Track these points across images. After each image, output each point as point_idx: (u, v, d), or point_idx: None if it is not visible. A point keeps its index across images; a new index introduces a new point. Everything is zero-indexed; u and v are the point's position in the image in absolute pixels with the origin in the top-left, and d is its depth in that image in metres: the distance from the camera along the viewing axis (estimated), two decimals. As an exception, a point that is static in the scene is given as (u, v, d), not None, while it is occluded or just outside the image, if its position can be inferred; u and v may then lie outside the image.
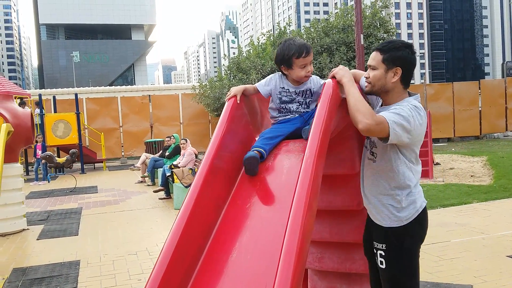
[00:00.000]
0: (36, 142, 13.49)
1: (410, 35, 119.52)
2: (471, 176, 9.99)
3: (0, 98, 7.12)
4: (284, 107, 2.49)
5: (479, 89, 20.11)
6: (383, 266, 2.32)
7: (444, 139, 19.49)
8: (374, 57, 2.31)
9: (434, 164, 11.08)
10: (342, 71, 2.33)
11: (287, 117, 2.48)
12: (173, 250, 1.73)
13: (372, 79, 2.30)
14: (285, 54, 2.43)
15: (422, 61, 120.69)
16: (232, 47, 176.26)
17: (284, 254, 1.57)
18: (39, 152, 13.43)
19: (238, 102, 2.42)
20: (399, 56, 2.25)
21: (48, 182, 13.14)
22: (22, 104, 14.10)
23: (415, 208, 2.30)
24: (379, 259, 2.34)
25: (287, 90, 2.47)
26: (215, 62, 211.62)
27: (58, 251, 5.82)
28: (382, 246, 2.33)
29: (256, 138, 2.56)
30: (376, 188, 2.34)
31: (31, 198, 10.28)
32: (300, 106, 2.49)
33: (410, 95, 2.34)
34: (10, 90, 7.56)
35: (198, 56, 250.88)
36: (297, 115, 2.48)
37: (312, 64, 2.50)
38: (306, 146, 1.99)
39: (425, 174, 9.84)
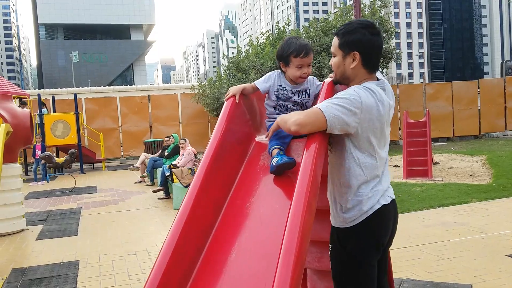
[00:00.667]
0: (35, 142, 13.49)
1: (409, 35, 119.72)
2: (470, 175, 9.99)
3: (-1, 98, 7.11)
4: (281, 104, 2.50)
5: (478, 88, 20.12)
6: (331, 267, 2.20)
7: (443, 139, 19.49)
8: (333, 43, 2.17)
9: (434, 164, 11.08)
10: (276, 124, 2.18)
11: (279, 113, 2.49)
12: (172, 250, 1.73)
13: (333, 67, 2.18)
14: (284, 51, 2.45)
15: (421, 60, 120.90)
16: (231, 47, 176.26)
17: (283, 253, 1.57)
18: (38, 152, 13.34)
19: (237, 101, 2.42)
20: (353, 39, 2.07)
21: (47, 182, 13.13)
22: (23, 104, 14.15)
23: (361, 210, 2.06)
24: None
25: (284, 88, 2.49)
26: (214, 62, 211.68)
27: (57, 251, 5.81)
28: (330, 247, 2.18)
29: (256, 138, 2.56)
30: (331, 183, 2.19)
31: (30, 198, 10.27)
32: (296, 105, 2.49)
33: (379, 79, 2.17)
34: (9, 90, 7.56)
35: (197, 56, 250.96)
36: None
37: (311, 66, 2.49)
38: (304, 145, 1.99)
39: (425, 173, 9.87)
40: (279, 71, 2.55)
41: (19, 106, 16.05)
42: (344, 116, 1.95)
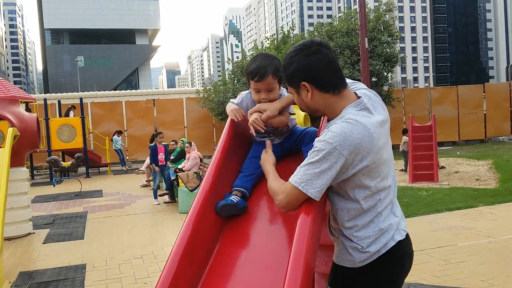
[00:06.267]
0: (155, 142, 9.84)
1: (414, 39, 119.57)
2: (477, 179, 9.96)
3: (6, 102, 7.18)
4: None
5: (484, 92, 20.09)
6: None
7: (449, 143, 19.44)
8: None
9: (439, 168, 11.05)
10: (263, 163, 2.06)
11: (263, 139, 2.26)
12: (181, 254, 1.74)
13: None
14: (246, 69, 2.17)
15: (426, 64, 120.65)
16: (236, 51, 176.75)
17: (293, 257, 1.57)
18: (161, 156, 9.57)
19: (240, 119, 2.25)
20: (292, 71, 1.80)
21: (54, 186, 13.17)
22: (73, 108, 15.89)
23: (373, 248, 1.75)
24: None
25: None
26: (219, 66, 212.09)
27: (64, 255, 5.84)
28: None
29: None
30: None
31: (37, 202, 10.32)
32: (275, 129, 2.26)
33: (358, 96, 1.81)
34: (16, 95, 7.61)
35: (202, 60, 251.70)
36: (275, 140, 2.27)
37: (275, 91, 2.14)
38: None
39: (431, 177, 9.85)
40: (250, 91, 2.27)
41: (69, 110, 16.68)
42: (327, 179, 1.67)
